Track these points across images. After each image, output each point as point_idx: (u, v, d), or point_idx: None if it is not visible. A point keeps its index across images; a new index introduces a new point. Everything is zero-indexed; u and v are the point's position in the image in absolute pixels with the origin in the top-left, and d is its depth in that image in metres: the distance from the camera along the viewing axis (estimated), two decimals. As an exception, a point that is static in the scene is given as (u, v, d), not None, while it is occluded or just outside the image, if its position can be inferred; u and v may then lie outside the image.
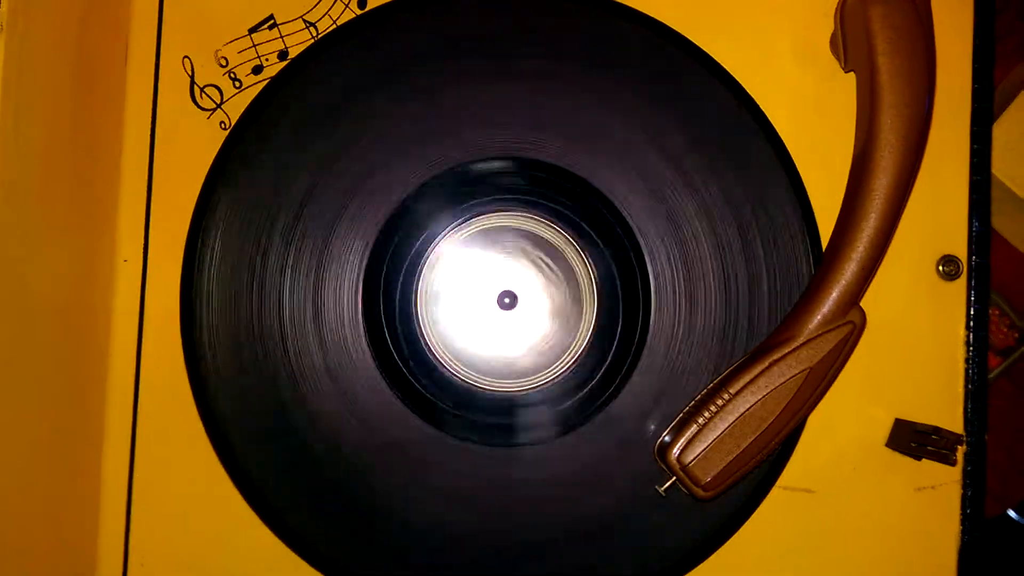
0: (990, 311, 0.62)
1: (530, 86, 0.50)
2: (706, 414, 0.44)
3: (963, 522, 0.49)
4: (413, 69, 0.50)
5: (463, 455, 0.49)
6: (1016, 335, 0.63)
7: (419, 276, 0.51)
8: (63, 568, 0.49)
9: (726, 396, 0.44)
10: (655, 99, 0.50)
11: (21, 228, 0.44)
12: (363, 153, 0.50)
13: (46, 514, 0.47)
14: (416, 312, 0.51)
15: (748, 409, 0.43)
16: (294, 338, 0.50)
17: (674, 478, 0.45)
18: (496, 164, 0.50)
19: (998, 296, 0.63)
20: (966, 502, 0.49)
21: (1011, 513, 0.65)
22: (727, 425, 0.43)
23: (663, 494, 0.45)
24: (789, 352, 0.44)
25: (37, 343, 0.46)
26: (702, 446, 0.43)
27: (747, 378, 0.44)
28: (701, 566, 0.49)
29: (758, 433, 0.43)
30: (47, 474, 0.47)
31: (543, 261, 0.51)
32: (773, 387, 0.43)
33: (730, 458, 0.43)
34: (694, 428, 0.44)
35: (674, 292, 0.49)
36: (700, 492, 0.44)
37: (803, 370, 0.43)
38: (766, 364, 0.44)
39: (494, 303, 0.51)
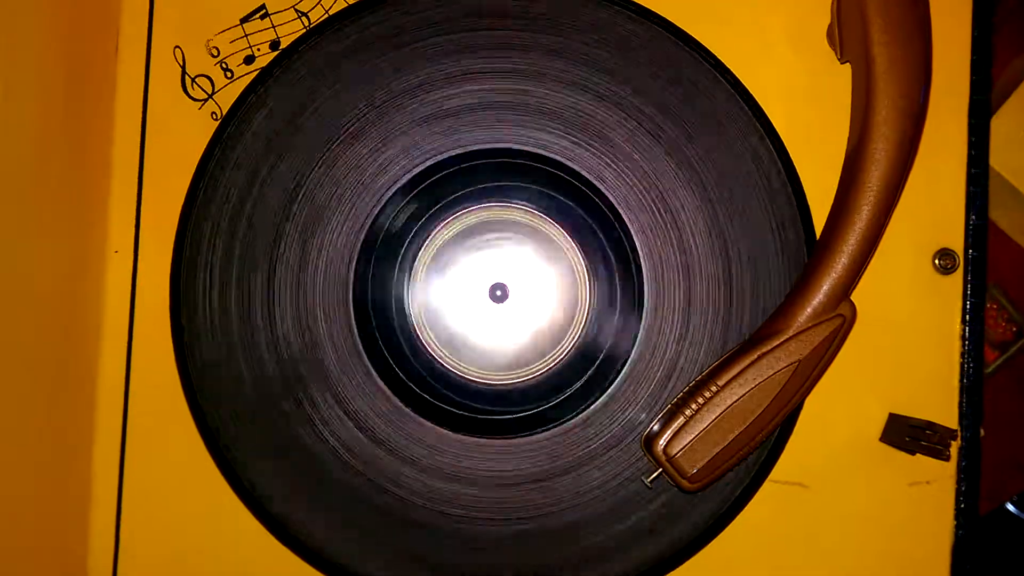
0: (988, 305, 0.62)
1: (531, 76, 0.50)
2: (693, 406, 0.44)
3: (957, 517, 0.49)
4: (403, 61, 0.50)
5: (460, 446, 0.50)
6: (1014, 329, 0.63)
7: (409, 308, 0.51)
8: (53, 561, 0.49)
9: (714, 388, 0.44)
10: (641, 87, 0.49)
11: (12, 218, 0.44)
12: (354, 145, 0.50)
13: (36, 507, 0.47)
14: (426, 347, 0.51)
15: (735, 401, 0.43)
16: (285, 330, 0.50)
17: (660, 470, 0.44)
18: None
19: (996, 290, 0.63)
20: (960, 497, 0.49)
21: (1010, 507, 0.65)
22: (714, 417, 0.43)
23: (649, 485, 0.45)
24: (778, 345, 0.43)
25: (27, 334, 0.46)
26: (689, 438, 0.43)
27: (735, 370, 0.44)
28: (694, 559, 0.49)
29: (745, 426, 0.43)
30: (37, 467, 0.47)
31: (508, 241, 0.51)
32: (761, 380, 0.43)
33: (716, 450, 0.43)
34: (681, 420, 0.43)
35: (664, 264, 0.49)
36: (686, 484, 0.43)
37: (792, 363, 0.43)
38: (755, 356, 0.43)
39: (489, 302, 0.51)
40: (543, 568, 0.49)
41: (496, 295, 0.51)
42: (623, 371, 0.49)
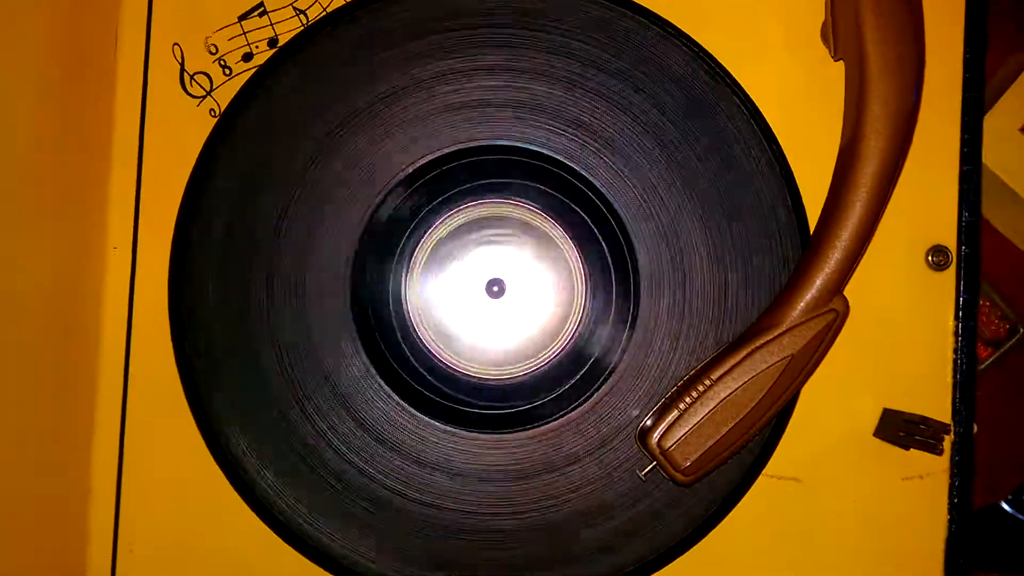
0: (981, 302, 0.62)
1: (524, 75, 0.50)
2: (687, 399, 0.44)
3: (950, 511, 0.49)
4: (401, 58, 0.50)
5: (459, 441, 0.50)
6: (1007, 326, 0.63)
7: (407, 303, 0.51)
8: (53, 559, 0.49)
9: (707, 382, 0.44)
10: (638, 86, 0.50)
11: (10, 215, 0.44)
12: (353, 140, 0.50)
13: (35, 505, 0.48)
14: (422, 341, 0.51)
15: (729, 395, 0.43)
16: (284, 326, 0.50)
17: (654, 463, 0.45)
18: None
19: (990, 287, 0.63)
20: (953, 492, 0.49)
21: (1005, 506, 0.65)
22: (708, 411, 0.43)
23: (643, 479, 0.45)
24: (771, 339, 0.44)
25: (26, 331, 0.46)
26: (682, 431, 0.43)
27: (729, 364, 0.44)
28: (688, 553, 0.49)
29: (738, 419, 0.43)
30: (36, 462, 0.47)
31: (506, 237, 0.51)
32: (754, 374, 0.43)
33: (710, 444, 0.43)
34: (675, 413, 0.44)
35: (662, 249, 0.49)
36: (679, 477, 0.44)
37: (785, 357, 0.43)
38: (748, 351, 0.44)
39: (486, 297, 0.51)
40: (536, 563, 0.49)
41: (493, 291, 0.51)
42: (618, 367, 0.49)
